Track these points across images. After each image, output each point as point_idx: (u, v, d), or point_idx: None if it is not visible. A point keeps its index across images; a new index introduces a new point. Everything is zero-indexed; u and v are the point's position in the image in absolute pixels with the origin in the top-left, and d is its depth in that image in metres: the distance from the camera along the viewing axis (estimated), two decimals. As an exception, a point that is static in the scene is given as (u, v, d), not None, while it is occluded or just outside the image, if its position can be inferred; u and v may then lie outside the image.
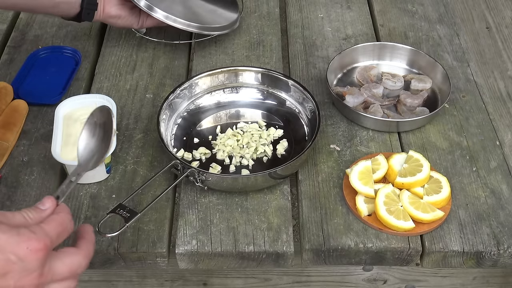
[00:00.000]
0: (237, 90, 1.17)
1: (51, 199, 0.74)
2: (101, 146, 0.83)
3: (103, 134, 0.84)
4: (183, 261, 0.95)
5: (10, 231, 0.67)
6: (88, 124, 0.84)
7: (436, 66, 1.18)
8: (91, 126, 0.84)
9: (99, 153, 0.83)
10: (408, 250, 0.94)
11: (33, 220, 0.72)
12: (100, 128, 0.84)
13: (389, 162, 1.01)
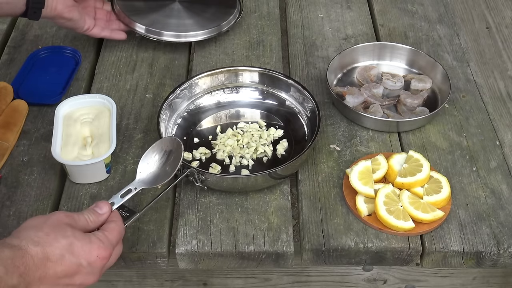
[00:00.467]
0: (237, 90, 1.17)
1: (108, 204, 0.85)
2: (162, 170, 0.94)
3: (166, 160, 0.94)
4: (183, 261, 0.95)
5: (84, 239, 0.78)
6: (154, 147, 0.95)
7: (436, 66, 1.18)
8: (157, 149, 0.95)
9: (159, 176, 0.93)
10: (408, 250, 0.94)
11: (93, 223, 0.82)
12: (165, 154, 0.95)
13: (389, 162, 1.01)
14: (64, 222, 0.78)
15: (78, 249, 0.76)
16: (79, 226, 0.79)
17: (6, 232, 0.94)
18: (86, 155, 1.01)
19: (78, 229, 0.78)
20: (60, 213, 0.79)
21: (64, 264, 0.75)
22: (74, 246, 0.76)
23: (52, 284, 0.74)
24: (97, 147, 1.02)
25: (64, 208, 0.98)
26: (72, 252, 0.75)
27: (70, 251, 0.75)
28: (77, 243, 0.76)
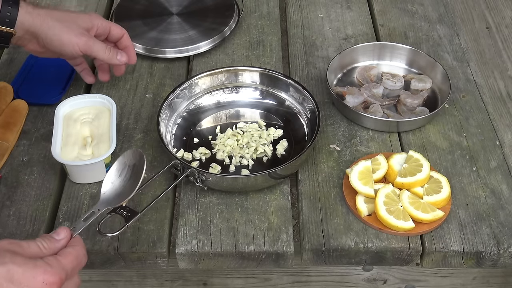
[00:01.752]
0: (237, 90, 1.17)
1: (66, 230, 0.78)
2: (127, 186, 0.87)
3: (130, 175, 0.87)
4: (183, 261, 0.95)
5: (27, 264, 0.68)
6: (117, 163, 0.89)
7: (436, 66, 1.18)
8: (120, 166, 0.88)
9: (124, 193, 0.86)
10: (408, 250, 0.94)
11: (48, 250, 0.73)
12: (128, 169, 0.88)
13: (389, 162, 1.01)
14: (5, 249, 0.69)
15: (18, 276, 0.67)
16: (28, 253, 0.71)
17: (6, 232, 0.95)
18: (86, 155, 1.01)
19: (27, 256, 0.70)
20: (3, 240, 0.71)
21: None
22: (13, 273, 0.67)
23: None
24: (97, 147, 1.02)
25: (64, 208, 0.98)
26: (11, 280, 0.67)
27: (8, 278, 0.67)
28: (16, 269, 0.68)
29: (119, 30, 1.12)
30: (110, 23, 1.11)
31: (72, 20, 1.05)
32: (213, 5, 1.35)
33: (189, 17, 1.32)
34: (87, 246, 0.93)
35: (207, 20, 1.31)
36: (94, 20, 1.08)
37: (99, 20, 1.09)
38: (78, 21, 1.06)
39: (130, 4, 1.36)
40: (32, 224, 0.96)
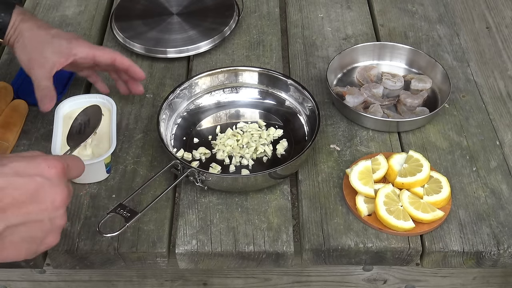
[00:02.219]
0: (237, 90, 1.17)
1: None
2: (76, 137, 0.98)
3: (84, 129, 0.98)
4: (183, 261, 0.95)
5: (26, 158, 0.71)
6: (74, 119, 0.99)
7: (436, 66, 1.18)
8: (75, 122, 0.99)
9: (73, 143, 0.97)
10: (408, 250, 0.94)
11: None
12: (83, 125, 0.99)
13: (389, 162, 1.01)
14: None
15: (22, 168, 0.70)
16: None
17: (6, 232, 0.94)
18: (86, 155, 1.01)
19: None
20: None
21: (17, 187, 0.68)
22: (17, 168, 0.69)
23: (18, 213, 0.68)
24: (97, 147, 1.02)
25: (64, 208, 0.98)
26: (17, 174, 0.69)
27: (13, 173, 0.69)
28: (18, 164, 0.70)
29: (107, 55, 1.06)
30: (94, 50, 1.05)
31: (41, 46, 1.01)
32: (213, 5, 1.35)
33: (189, 17, 1.32)
34: (87, 246, 0.93)
35: (207, 20, 1.31)
36: (73, 49, 1.03)
37: (80, 48, 1.03)
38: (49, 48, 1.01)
39: (130, 4, 1.36)
40: (32, 224, 0.96)
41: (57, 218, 0.72)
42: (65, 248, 0.93)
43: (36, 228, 0.70)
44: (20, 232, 0.69)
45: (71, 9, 1.39)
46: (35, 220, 0.70)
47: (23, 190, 0.68)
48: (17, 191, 0.68)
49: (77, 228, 0.95)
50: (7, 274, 1.08)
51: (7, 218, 0.67)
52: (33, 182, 0.69)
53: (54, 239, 0.73)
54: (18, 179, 0.69)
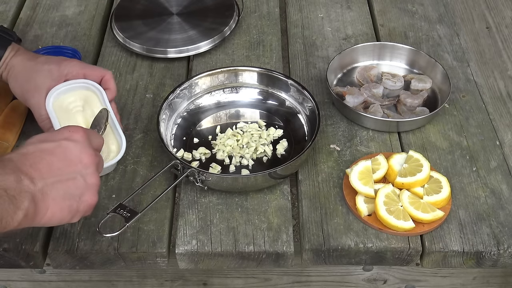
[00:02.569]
0: (237, 90, 1.17)
1: None
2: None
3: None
4: (183, 261, 0.95)
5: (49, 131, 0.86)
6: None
7: (436, 66, 1.18)
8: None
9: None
10: (408, 250, 0.94)
11: None
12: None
13: (389, 162, 1.01)
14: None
15: (46, 137, 0.80)
16: None
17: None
18: None
19: None
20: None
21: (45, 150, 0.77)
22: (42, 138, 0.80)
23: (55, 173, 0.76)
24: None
25: (64, 208, 0.98)
26: (42, 140, 0.79)
27: (39, 140, 0.79)
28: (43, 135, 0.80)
29: (97, 73, 1.05)
30: (85, 69, 1.04)
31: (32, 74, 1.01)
32: (213, 5, 1.35)
33: (189, 17, 1.32)
34: (87, 246, 0.93)
35: (207, 20, 1.31)
36: (64, 70, 1.02)
37: (70, 68, 1.03)
38: (40, 75, 1.02)
39: (130, 4, 1.36)
40: (32, 224, 0.96)
41: (89, 175, 0.80)
42: (65, 248, 0.93)
43: (71, 185, 0.78)
44: (58, 190, 0.76)
45: (71, 9, 1.39)
46: (68, 178, 0.78)
47: (52, 153, 0.77)
48: (47, 154, 0.77)
49: (77, 228, 0.95)
50: (7, 274, 1.08)
51: (43, 177, 0.75)
52: (60, 145, 0.78)
53: (91, 197, 0.80)
54: (45, 144, 0.78)
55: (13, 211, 0.71)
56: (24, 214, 0.72)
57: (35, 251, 0.93)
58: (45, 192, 0.75)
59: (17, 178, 0.72)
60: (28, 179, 0.74)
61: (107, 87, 1.04)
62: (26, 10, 1.39)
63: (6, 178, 0.72)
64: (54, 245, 0.94)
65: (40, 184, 0.75)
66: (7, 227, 0.71)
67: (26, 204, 0.72)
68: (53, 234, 0.95)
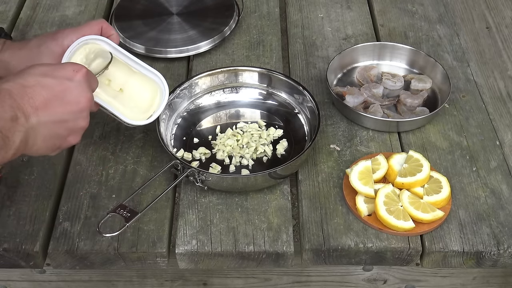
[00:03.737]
0: (237, 90, 1.17)
1: None
2: None
3: None
4: (183, 261, 0.95)
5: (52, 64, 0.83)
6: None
7: (436, 66, 1.18)
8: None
9: None
10: (408, 250, 0.94)
11: None
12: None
13: (389, 162, 1.01)
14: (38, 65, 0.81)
15: (49, 71, 0.79)
16: None
17: (6, 232, 0.95)
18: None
19: None
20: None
21: (46, 86, 0.77)
22: (44, 70, 0.79)
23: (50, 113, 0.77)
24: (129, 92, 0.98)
25: (64, 208, 0.98)
26: (44, 74, 0.78)
27: (42, 74, 0.78)
28: (46, 67, 0.80)
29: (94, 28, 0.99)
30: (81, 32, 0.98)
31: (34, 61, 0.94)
32: (213, 5, 1.35)
33: (189, 17, 1.32)
34: (87, 246, 0.93)
35: (207, 20, 1.31)
36: (63, 41, 0.97)
37: (67, 38, 0.97)
38: (41, 58, 0.96)
39: (130, 4, 1.36)
40: (32, 224, 0.96)
41: (80, 119, 0.81)
42: (65, 248, 0.93)
43: (61, 126, 0.79)
44: (50, 129, 0.78)
45: (71, 9, 1.39)
46: (61, 119, 0.79)
47: (51, 90, 0.77)
48: (46, 91, 0.77)
49: (77, 228, 0.95)
50: (7, 274, 1.08)
51: (38, 114, 0.76)
52: (61, 84, 0.78)
53: (75, 138, 0.83)
54: (46, 79, 0.77)
55: (5, 151, 0.74)
56: (14, 152, 0.75)
57: (35, 251, 0.93)
58: (37, 130, 0.77)
59: (13, 116, 0.74)
60: (24, 116, 0.75)
61: (110, 34, 1.00)
62: (26, 10, 1.39)
63: (3, 116, 0.73)
64: (54, 245, 0.94)
65: (34, 121, 0.76)
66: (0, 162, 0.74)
67: (17, 143, 0.75)
68: (53, 234, 0.95)
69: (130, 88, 0.99)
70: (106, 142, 1.09)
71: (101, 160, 1.06)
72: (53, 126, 0.79)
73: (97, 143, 1.08)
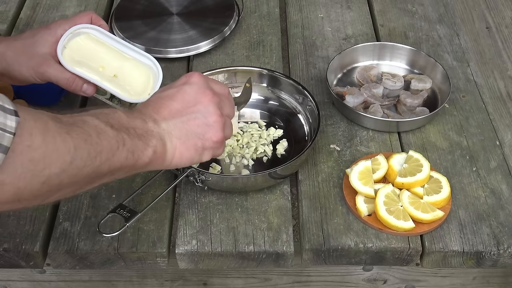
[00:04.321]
0: (237, 90, 1.17)
1: None
2: None
3: None
4: (183, 261, 0.95)
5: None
6: None
7: (436, 66, 1.18)
8: None
9: None
10: (408, 250, 0.94)
11: None
12: None
13: (389, 162, 1.01)
14: None
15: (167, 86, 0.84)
16: None
17: (6, 232, 0.95)
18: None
19: None
20: None
21: (165, 97, 0.82)
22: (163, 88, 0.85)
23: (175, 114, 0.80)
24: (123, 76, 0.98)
25: (64, 208, 0.98)
26: (163, 90, 0.84)
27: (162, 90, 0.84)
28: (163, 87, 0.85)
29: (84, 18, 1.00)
30: (72, 22, 0.98)
31: (29, 50, 0.97)
32: (213, 5, 1.35)
33: (189, 17, 1.32)
34: (87, 246, 0.93)
35: (207, 20, 1.31)
36: (57, 30, 0.97)
37: (60, 28, 0.98)
38: (37, 47, 0.96)
39: (130, 4, 1.36)
40: (32, 224, 0.96)
41: (209, 114, 0.82)
42: (65, 248, 0.93)
43: (192, 124, 0.81)
44: (181, 129, 0.80)
45: (71, 9, 1.39)
46: (189, 118, 0.81)
47: (171, 98, 0.82)
48: (166, 100, 0.81)
49: (77, 228, 0.95)
50: (7, 274, 1.08)
51: (165, 118, 0.80)
52: (178, 90, 0.82)
53: (215, 133, 0.83)
54: (165, 92, 0.83)
55: (143, 147, 0.76)
56: (153, 151, 0.77)
57: (35, 251, 0.93)
58: (169, 132, 0.79)
59: (142, 121, 0.78)
60: (152, 121, 0.78)
61: (100, 24, 1.01)
62: (26, 10, 1.39)
63: (133, 120, 0.77)
64: (54, 245, 0.94)
65: (164, 125, 0.79)
66: (139, 160, 0.76)
67: (154, 142, 0.77)
68: (53, 234, 0.95)
69: (124, 73, 0.99)
70: (106, 142, 1.08)
71: (101, 160, 1.05)
72: (184, 125, 0.81)
73: (97, 143, 1.08)
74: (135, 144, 0.75)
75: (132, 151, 0.74)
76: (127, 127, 0.75)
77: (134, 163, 0.75)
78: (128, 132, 0.75)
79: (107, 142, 0.71)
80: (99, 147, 0.70)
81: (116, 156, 0.72)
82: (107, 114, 0.75)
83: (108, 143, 0.71)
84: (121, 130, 0.74)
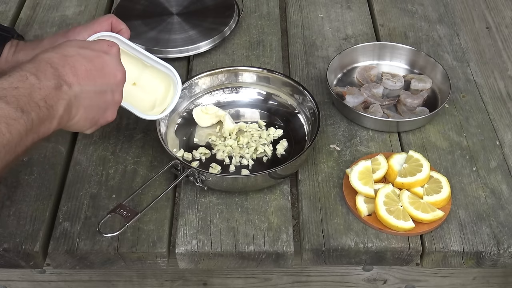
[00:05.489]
0: (237, 90, 1.17)
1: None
2: None
3: None
4: (183, 261, 0.95)
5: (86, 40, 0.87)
6: None
7: (436, 66, 1.18)
8: None
9: None
10: (408, 250, 0.94)
11: None
12: None
13: (389, 162, 1.01)
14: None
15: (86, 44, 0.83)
16: None
17: (6, 232, 0.95)
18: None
19: None
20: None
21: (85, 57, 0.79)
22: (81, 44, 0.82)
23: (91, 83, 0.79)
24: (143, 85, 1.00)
25: (64, 208, 0.99)
26: (82, 47, 0.81)
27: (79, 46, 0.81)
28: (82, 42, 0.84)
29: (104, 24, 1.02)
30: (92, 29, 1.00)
31: None
32: (213, 5, 1.35)
33: (189, 17, 1.32)
34: (87, 246, 0.93)
35: (207, 20, 1.31)
36: (76, 38, 0.98)
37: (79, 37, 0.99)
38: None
39: (130, 4, 1.36)
40: (32, 224, 0.96)
41: (116, 92, 0.83)
42: (65, 248, 0.93)
43: (101, 98, 0.80)
44: (91, 99, 0.79)
45: (71, 9, 1.39)
46: (101, 90, 0.80)
47: (91, 61, 0.79)
48: (86, 61, 0.79)
49: (77, 228, 0.95)
50: (7, 274, 1.08)
51: (80, 83, 0.78)
52: (99, 56, 0.81)
53: (112, 114, 0.84)
54: (85, 51, 0.80)
55: (49, 122, 0.75)
56: (58, 122, 0.76)
57: (35, 251, 0.93)
58: (79, 99, 0.78)
59: (57, 84, 0.75)
60: (67, 84, 0.76)
61: (120, 28, 1.03)
62: (26, 10, 1.39)
63: (47, 84, 0.74)
64: (54, 245, 0.94)
65: (77, 89, 0.77)
66: (43, 136, 0.75)
67: (61, 112, 0.76)
68: (53, 234, 0.95)
69: (144, 82, 1.01)
70: (106, 142, 1.09)
71: (101, 160, 1.06)
72: (94, 96, 0.80)
73: (97, 143, 1.08)
74: (42, 122, 0.74)
75: (37, 132, 0.74)
76: (37, 101, 0.73)
77: (37, 140, 0.75)
78: (38, 108, 0.73)
79: (16, 132, 0.71)
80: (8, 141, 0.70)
81: (23, 141, 0.72)
82: (17, 89, 0.72)
83: (18, 133, 0.71)
84: (32, 110, 0.72)
